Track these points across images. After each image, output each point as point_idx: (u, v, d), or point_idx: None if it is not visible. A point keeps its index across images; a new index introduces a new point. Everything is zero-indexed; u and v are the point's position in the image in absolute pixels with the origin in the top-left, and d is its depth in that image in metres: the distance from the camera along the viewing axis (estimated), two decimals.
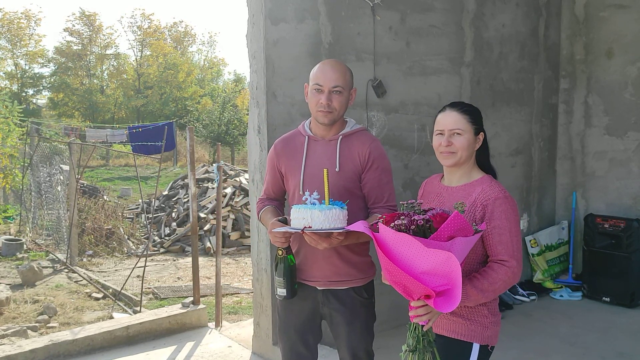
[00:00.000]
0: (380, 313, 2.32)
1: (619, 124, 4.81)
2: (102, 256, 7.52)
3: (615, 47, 4.80)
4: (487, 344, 1.81)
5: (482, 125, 1.90)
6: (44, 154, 9.06)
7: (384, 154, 2.16)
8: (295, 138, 2.22)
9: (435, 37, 4.14)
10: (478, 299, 1.71)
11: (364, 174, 2.11)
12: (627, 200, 4.78)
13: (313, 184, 2.07)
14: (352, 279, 2.13)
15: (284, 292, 2.06)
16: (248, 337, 3.88)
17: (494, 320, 1.83)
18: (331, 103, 2.05)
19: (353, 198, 2.09)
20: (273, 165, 2.25)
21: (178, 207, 9.21)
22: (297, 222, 1.86)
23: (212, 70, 36.78)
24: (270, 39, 3.34)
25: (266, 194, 2.33)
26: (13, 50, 28.85)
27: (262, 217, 2.24)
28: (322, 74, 2.07)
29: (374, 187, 2.11)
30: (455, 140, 1.84)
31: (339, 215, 1.84)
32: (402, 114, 3.97)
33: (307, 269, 2.14)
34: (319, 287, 2.14)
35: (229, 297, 5.61)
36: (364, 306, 2.16)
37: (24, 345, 3.59)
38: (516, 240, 1.76)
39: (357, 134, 2.15)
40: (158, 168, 5.92)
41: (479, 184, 1.84)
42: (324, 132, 2.15)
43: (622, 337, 3.87)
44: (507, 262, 1.72)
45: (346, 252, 2.10)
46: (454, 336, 1.81)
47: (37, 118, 22.21)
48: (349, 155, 2.10)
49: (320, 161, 2.11)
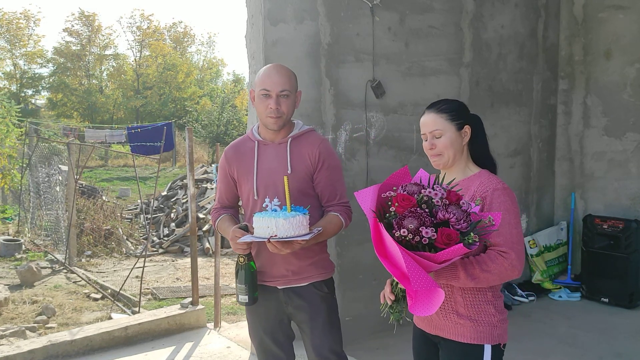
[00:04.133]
0: (379, 313, 2.32)
1: (618, 125, 4.81)
2: (100, 257, 7.51)
3: (613, 48, 4.81)
4: (499, 342, 1.76)
5: (465, 118, 1.85)
6: (42, 154, 9.06)
7: (333, 152, 2.20)
8: (245, 144, 2.24)
9: (434, 37, 4.15)
10: (466, 283, 1.67)
11: (315, 174, 2.14)
12: (626, 201, 4.78)
13: (267, 188, 2.11)
14: (312, 274, 2.16)
15: (245, 298, 2.07)
16: (247, 338, 3.88)
17: (502, 318, 1.78)
18: (280, 107, 2.07)
19: (307, 199, 2.12)
20: (225, 172, 2.27)
21: (177, 208, 9.20)
22: (261, 231, 1.87)
23: (211, 71, 36.78)
24: (270, 39, 3.34)
25: (220, 202, 2.34)
26: (12, 51, 28.85)
27: (220, 226, 2.25)
28: (269, 79, 2.08)
29: (327, 185, 2.15)
30: (438, 142, 1.83)
31: (302, 222, 1.86)
32: (401, 115, 3.97)
33: (266, 270, 2.16)
34: (279, 286, 2.16)
35: (228, 297, 5.60)
36: (325, 301, 2.18)
37: (22, 346, 3.58)
38: (516, 233, 1.71)
39: (306, 134, 2.18)
40: (157, 168, 5.92)
41: (476, 178, 1.82)
42: (273, 136, 2.17)
43: (620, 338, 3.87)
44: (506, 254, 1.67)
45: (303, 250, 2.10)
46: (463, 340, 1.75)
47: (36, 118, 22.19)
48: (300, 157, 2.13)
49: (272, 164, 2.13)
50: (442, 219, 1.52)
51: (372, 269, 3.70)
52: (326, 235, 2.08)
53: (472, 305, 1.75)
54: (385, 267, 1.59)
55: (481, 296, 1.76)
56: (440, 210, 1.53)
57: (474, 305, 1.75)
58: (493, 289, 1.78)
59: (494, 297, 1.78)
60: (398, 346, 3.58)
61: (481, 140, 1.90)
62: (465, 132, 1.85)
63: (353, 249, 3.76)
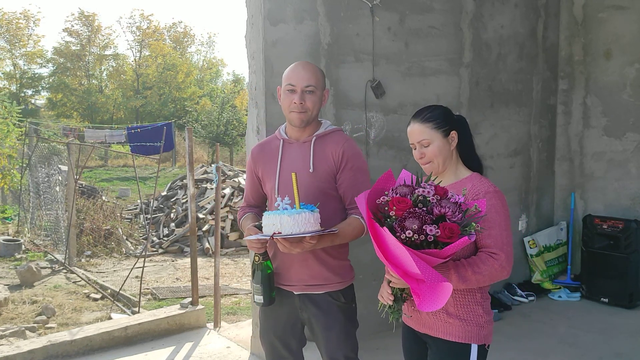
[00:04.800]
0: (378, 313, 2.32)
1: (618, 125, 4.81)
2: (100, 257, 7.51)
3: (613, 48, 4.81)
4: (484, 343, 1.82)
5: (451, 123, 1.88)
6: (42, 154, 9.06)
7: (359, 153, 2.13)
8: (271, 142, 2.22)
9: (434, 38, 4.15)
10: (458, 285, 1.70)
11: (338, 174, 2.08)
12: (626, 201, 4.78)
13: (288, 187, 2.05)
14: (329, 282, 2.10)
15: (260, 299, 2.05)
16: (247, 338, 3.88)
17: (489, 319, 1.84)
18: (304, 103, 2.04)
19: (328, 199, 2.07)
20: (251, 171, 2.25)
21: (177, 208, 9.20)
22: (267, 229, 1.84)
23: (211, 71, 36.77)
24: (269, 39, 3.34)
25: (246, 201, 2.32)
26: (12, 51, 28.83)
27: (242, 224, 2.22)
28: (294, 74, 2.07)
29: (349, 187, 2.07)
30: (426, 151, 1.85)
31: (308, 219, 1.79)
32: (401, 115, 3.97)
33: (283, 273, 2.12)
34: (296, 291, 2.12)
35: (228, 297, 5.60)
36: (342, 311, 2.11)
37: (22, 346, 3.58)
38: (506, 234, 1.76)
39: (331, 134, 2.13)
40: (157, 168, 5.92)
41: (468, 181, 1.85)
42: (299, 134, 2.14)
43: (620, 338, 3.88)
44: (496, 255, 1.72)
45: (323, 255, 2.07)
46: (451, 338, 1.80)
47: (36, 118, 22.19)
48: (323, 156, 2.08)
49: (295, 163, 2.10)
50: (438, 214, 1.57)
51: (372, 269, 3.69)
52: (344, 238, 2.01)
53: (461, 305, 1.80)
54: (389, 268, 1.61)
55: (470, 297, 1.81)
56: (435, 206, 1.57)
57: (464, 305, 1.81)
58: (482, 290, 1.83)
59: (482, 298, 1.83)
60: (398, 346, 3.57)
61: (467, 141, 1.93)
62: (452, 137, 1.88)
63: (353, 249, 3.73)
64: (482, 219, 1.64)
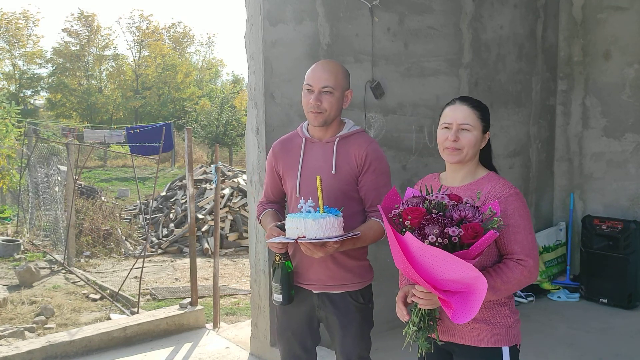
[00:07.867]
0: (377, 314, 2.32)
1: (617, 126, 4.82)
2: (99, 257, 7.51)
3: (612, 49, 4.82)
4: (515, 343, 1.75)
5: (489, 123, 1.82)
6: (41, 154, 9.04)
7: (381, 156, 2.10)
8: (293, 140, 2.21)
9: (434, 38, 4.15)
10: (488, 297, 1.60)
11: (360, 176, 2.06)
12: (625, 202, 4.79)
13: (309, 186, 2.05)
14: (348, 283, 2.10)
15: (280, 298, 2.05)
16: (246, 338, 3.88)
17: (516, 319, 1.77)
18: (320, 104, 2.02)
19: (350, 201, 2.06)
20: (271, 167, 2.24)
21: (176, 208, 9.20)
22: (291, 232, 1.84)
23: (210, 71, 36.76)
24: (269, 40, 3.34)
25: (266, 196, 2.31)
26: (11, 51, 28.81)
27: (262, 221, 2.23)
28: (313, 74, 2.06)
29: (371, 189, 2.06)
30: (463, 136, 1.74)
31: (332, 224, 1.79)
32: (400, 115, 3.97)
33: (302, 272, 2.12)
34: (315, 290, 2.12)
35: (227, 298, 5.60)
36: (360, 311, 2.12)
37: (21, 347, 3.58)
38: (531, 238, 1.70)
39: (355, 135, 2.12)
40: (156, 169, 5.91)
41: (486, 181, 1.76)
42: (321, 134, 2.12)
43: (619, 338, 3.88)
44: (524, 262, 1.66)
45: (342, 256, 2.07)
46: (480, 344, 1.72)
47: (35, 119, 22.17)
48: (346, 157, 2.07)
49: (317, 163, 2.09)
50: (459, 219, 1.53)
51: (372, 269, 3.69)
52: (365, 241, 2.01)
53: (487, 308, 1.73)
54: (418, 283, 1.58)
55: (495, 299, 1.74)
56: (454, 211, 1.54)
57: (489, 308, 1.74)
58: None
59: (507, 298, 1.77)
60: (399, 346, 3.57)
61: (489, 149, 1.87)
62: (486, 137, 1.82)
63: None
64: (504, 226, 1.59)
